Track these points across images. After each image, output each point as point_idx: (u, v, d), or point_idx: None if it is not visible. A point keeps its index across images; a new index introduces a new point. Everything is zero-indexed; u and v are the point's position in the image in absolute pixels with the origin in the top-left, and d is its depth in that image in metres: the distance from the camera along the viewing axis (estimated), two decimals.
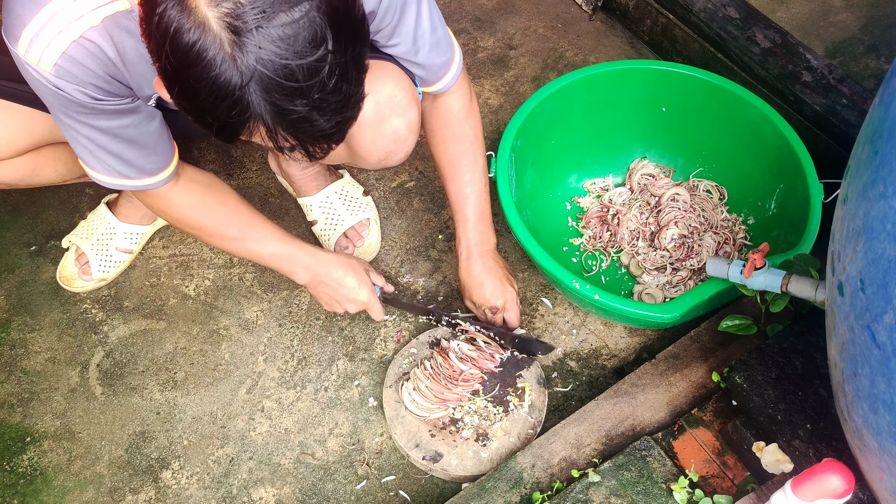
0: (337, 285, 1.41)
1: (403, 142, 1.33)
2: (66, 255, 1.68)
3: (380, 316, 1.48)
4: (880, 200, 0.77)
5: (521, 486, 1.28)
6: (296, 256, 1.38)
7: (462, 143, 1.43)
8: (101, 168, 1.19)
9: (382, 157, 1.35)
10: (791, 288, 1.19)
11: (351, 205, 1.71)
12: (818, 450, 1.14)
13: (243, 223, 1.35)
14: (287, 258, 1.38)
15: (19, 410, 1.52)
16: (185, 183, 1.30)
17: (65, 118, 1.11)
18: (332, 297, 1.43)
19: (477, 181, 1.45)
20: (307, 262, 1.39)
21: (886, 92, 0.80)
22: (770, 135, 1.55)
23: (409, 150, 1.37)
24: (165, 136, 1.23)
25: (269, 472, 1.45)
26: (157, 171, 1.24)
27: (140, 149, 1.19)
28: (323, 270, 1.40)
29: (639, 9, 2.02)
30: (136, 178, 1.22)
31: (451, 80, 1.34)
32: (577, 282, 1.36)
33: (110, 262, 1.66)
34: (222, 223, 1.34)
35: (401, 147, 1.34)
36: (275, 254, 1.37)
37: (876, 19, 2.07)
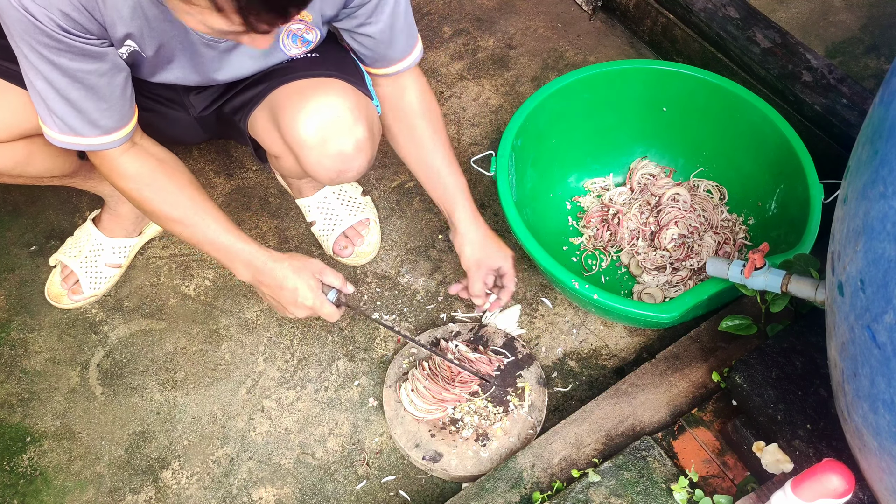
0: (278, 287, 1.30)
1: (352, 160, 1.31)
2: (53, 273, 1.66)
3: (332, 317, 1.34)
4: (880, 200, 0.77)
5: (521, 486, 1.28)
6: (238, 251, 1.29)
7: (429, 140, 1.40)
8: (53, 123, 1.15)
9: (333, 176, 1.34)
10: (791, 288, 1.19)
11: (349, 205, 1.71)
12: (818, 450, 1.14)
13: (190, 206, 1.27)
14: (228, 251, 1.29)
15: (19, 410, 1.52)
16: (139, 152, 1.25)
17: (27, 50, 1.06)
18: (275, 299, 1.33)
19: (455, 171, 1.42)
20: (248, 258, 1.29)
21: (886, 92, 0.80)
22: (770, 135, 1.55)
23: (365, 165, 1.35)
24: (128, 94, 1.19)
25: (269, 472, 1.45)
26: (111, 129, 1.19)
27: (99, 100, 1.15)
28: (265, 269, 1.30)
29: (639, 9, 2.02)
30: (88, 134, 1.17)
31: (413, 61, 1.34)
32: (576, 281, 1.36)
33: (100, 279, 1.64)
34: (168, 202, 1.27)
35: (351, 165, 1.32)
36: (216, 244, 1.29)
37: (876, 19, 2.07)
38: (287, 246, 1.73)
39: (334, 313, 1.33)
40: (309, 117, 1.26)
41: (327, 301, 1.32)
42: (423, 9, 2.15)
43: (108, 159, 1.23)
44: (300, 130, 1.27)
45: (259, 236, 1.74)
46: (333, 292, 1.33)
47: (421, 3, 2.16)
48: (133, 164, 1.24)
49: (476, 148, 1.87)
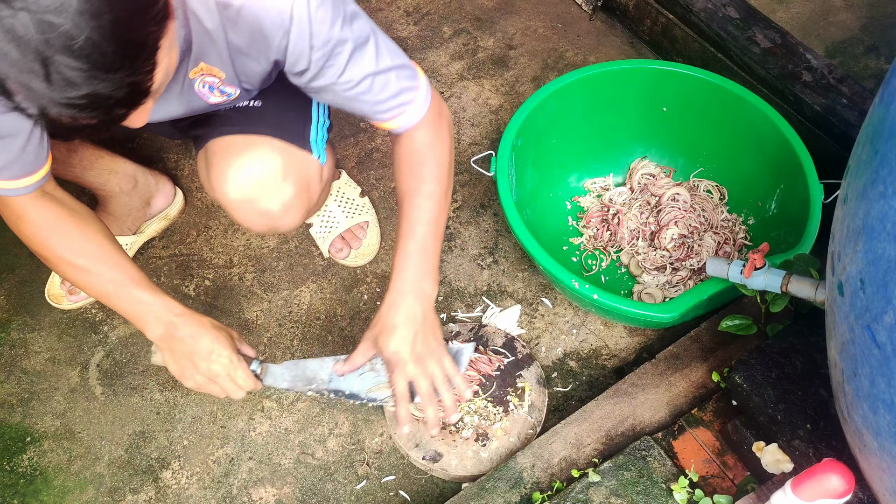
0: (191, 342, 1.21)
1: (280, 218, 1.29)
2: (53, 274, 1.65)
3: (244, 387, 1.26)
4: (880, 200, 0.77)
5: (521, 486, 1.28)
6: (148, 304, 1.20)
7: (418, 177, 1.25)
8: None
9: (263, 230, 1.33)
10: (791, 288, 1.19)
11: (347, 207, 1.71)
12: (818, 450, 1.14)
13: (98, 254, 1.20)
14: (137, 303, 1.20)
15: (19, 410, 1.52)
16: (48, 201, 1.19)
17: None
18: (187, 357, 1.23)
19: (426, 214, 1.24)
20: (160, 311, 1.21)
21: (886, 92, 0.80)
22: (770, 135, 1.55)
23: (298, 221, 1.33)
24: (35, 148, 1.12)
25: (269, 472, 1.45)
26: (19, 175, 1.13)
27: (5, 154, 1.09)
28: (178, 324, 1.21)
29: (639, 9, 2.02)
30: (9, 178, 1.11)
31: (413, 117, 1.20)
32: (576, 281, 1.36)
33: None
34: (72, 249, 1.19)
35: (279, 223, 1.30)
36: (123, 295, 1.20)
37: (876, 19, 2.06)
38: (287, 245, 1.73)
39: (249, 382, 1.26)
40: (235, 177, 1.24)
41: (245, 366, 1.26)
42: (423, 9, 2.15)
43: (11, 204, 1.17)
44: (227, 190, 1.25)
45: (259, 236, 1.74)
46: (256, 363, 1.29)
47: (421, 3, 2.16)
48: (39, 211, 1.18)
49: (476, 148, 1.87)
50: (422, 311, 1.25)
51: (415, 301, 1.24)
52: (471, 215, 1.77)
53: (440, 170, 1.26)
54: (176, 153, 1.86)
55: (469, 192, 1.80)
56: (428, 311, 1.26)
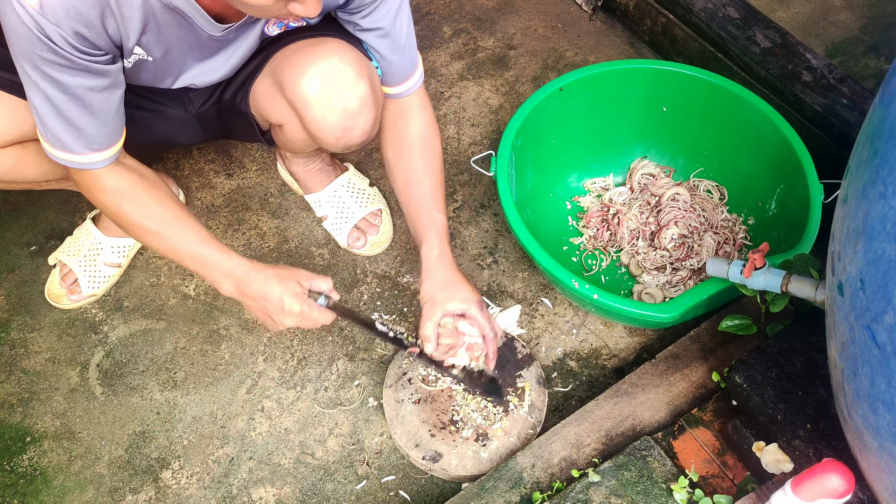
0: (262, 299, 1.26)
1: (357, 117, 1.29)
2: (53, 273, 1.66)
3: (323, 320, 1.29)
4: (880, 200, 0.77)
5: (521, 485, 1.28)
6: (218, 262, 1.25)
7: (420, 173, 1.37)
8: (47, 138, 1.16)
9: (339, 135, 1.31)
10: (791, 288, 1.19)
11: (359, 197, 1.72)
12: (818, 450, 1.14)
13: (169, 218, 1.25)
14: (207, 262, 1.26)
15: (19, 410, 1.52)
16: (121, 168, 1.24)
17: (29, 67, 1.06)
18: (261, 311, 1.28)
19: (435, 208, 1.36)
20: (229, 269, 1.25)
21: (886, 92, 0.80)
22: (770, 135, 1.55)
23: (368, 127, 1.33)
24: (121, 112, 1.20)
25: (269, 472, 1.45)
26: (103, 146, 1.19)
27: (95, 117, 1.15)
28: (247, 280, 1.25)
29: (639, 9, 2.02)
30: (80, 152, 1.18)
31: (415, 84, 1.35)
32: (576, 281, 1.36)
33: (99, 278, 1.64)
34: (146, 214, 1.25)
35: (355, 122, 1.30)
36: (195, 255, 1.26)
37: (876, 19, 2.07)
38: (287, 245, 1.73)
39: (326, 316, 1.29)
40: (311, 73, 1.25)
41: (316, 305, 1.28)
42: (423, 9, 2.15)
43: (92, 177, 1.23)
44: (303, 87, 1.26)
45: (259, 236, 1.74)
46: (322, 298, 1.30)
47: (421, 3, 2.16)
48: (114, 179, 1.24)
49: (476, 148, 1.87)
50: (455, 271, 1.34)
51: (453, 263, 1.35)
52: (471, 215, 1.77)
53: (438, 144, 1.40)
54: (176, 153, 1.86)
55: (469, 192, 1.80)
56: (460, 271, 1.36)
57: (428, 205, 1.36)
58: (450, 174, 1.83)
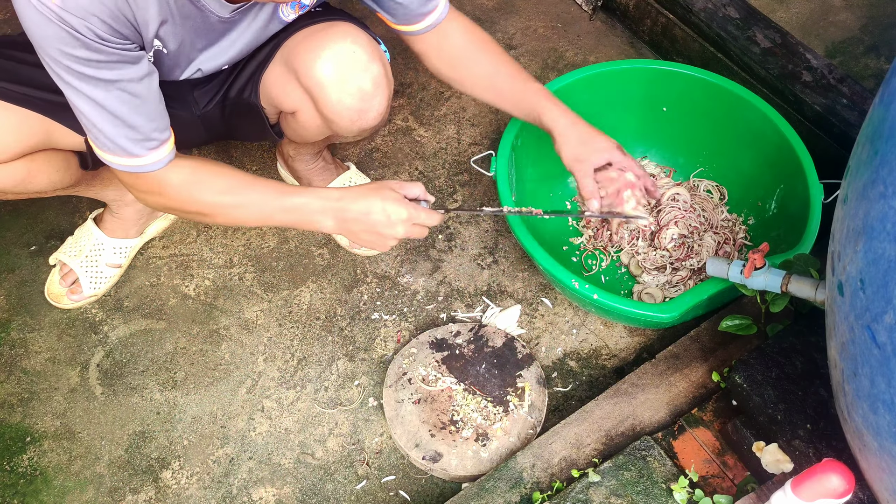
0: (365, 216, 1.21)
1: (371, 98, 1.30)
2: (53, 273, 1.66)
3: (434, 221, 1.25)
4: (880, 200, 0.77)
5: (521, 485, 1.28)
6: (308, 204, 1.22)
7: (489, 70, 1.39)
8: (104, 145, 1.14)
9: (354, 117, 1.32)
10: (791, 288, 1.19)
11: None
12: (818, 450, 1.14)
13: (240, 186, 1.22)
14: (299, 209, 1.22)
15: (19, 410, 1.52)
16: (177, 160, 1.22)
17: (65, 74, 1.05)
18: (368, 231, 1.23)
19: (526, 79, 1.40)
20: (322, 204, 1.22)
21: (886, 92, 0.80)
22: (770, 135, 1.54)
23: (383, 109, 1.34)
24: (162, 100, 1.17)
25: (269, 472, 1.45)
26: (159, 142, 1.16)
27: (146, 109, 1.12)
28: (343, 206, 1.21)
29: (639, 9, 2.02)
30: (142, 154, 1.15)
31: (441, 14, 1.34)
32: (576, 281, 1.36)
33: (101, 278, 1.64)
34: (219, 191, 1.22)
35: (370, 104, 1.31)
36: (285, 207, 1.22)
37: (876, 19, 2.06)
38: (287, 245, 1.73)
39: (434, 217, 1.25)
40: (326, 56, 1.26)
41: (421, 207, 1.24)
42: None
43: (153, 179, 1.19)
44: (318, 70, 1.27)
45: (259, 236, 1.74)
46: (425, 204, 1.27)
47: None
48: (176, 173, 1.20)
49: (476, 148, 1.87)
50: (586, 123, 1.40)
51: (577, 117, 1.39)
52: (471, 215, 1.77)
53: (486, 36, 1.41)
54: None
55: (469, 192, 1.80)
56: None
57: (519, 86, 1.40)
58: (450, 174, 1.83)
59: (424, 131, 1.91)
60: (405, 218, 1.21)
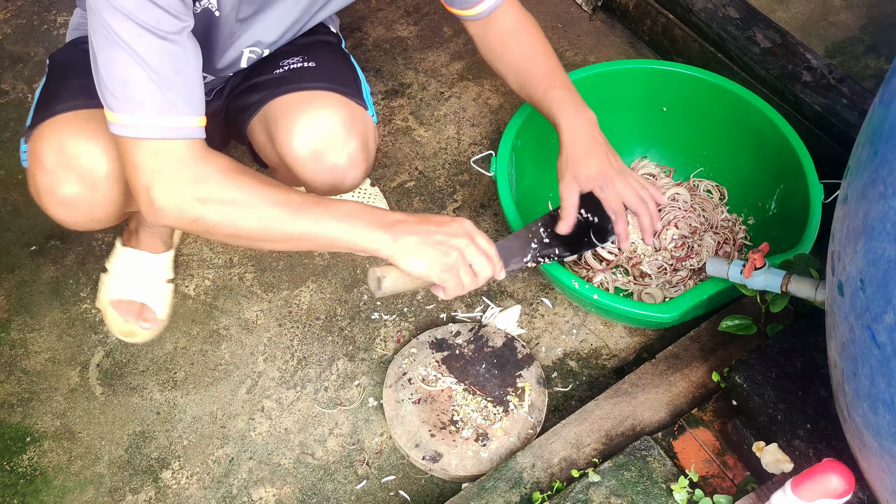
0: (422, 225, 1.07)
1: (346, 173, 1.30)
2: (107, 314, 1.56)
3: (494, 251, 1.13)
4: (880, 200, 0.77)
5: (521, 485, 1.28)
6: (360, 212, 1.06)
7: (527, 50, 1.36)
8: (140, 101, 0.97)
9: (328, 188, 1.33)
10: (791, 288, 1.19)
11: (361, 196, 1.72)
12: (818, 450, 1.14)
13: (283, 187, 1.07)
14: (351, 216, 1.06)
15: (19, 410, 1.52)
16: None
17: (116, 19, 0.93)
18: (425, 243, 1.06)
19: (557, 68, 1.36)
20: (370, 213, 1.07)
21: (886, 92, 0.80)
22: (770, 135, 1.55)
23: (360, 177, 1.33)
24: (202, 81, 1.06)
25: (269, 472, 1.45)
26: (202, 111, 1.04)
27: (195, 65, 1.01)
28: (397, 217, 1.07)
29: (639, 9, 2.02)
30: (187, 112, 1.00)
31: (496, 2, 1.34)
32: (576, 281, 1.36)
33: (165, 298, 1.59)
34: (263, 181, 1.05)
35: (346, 177, 1.30)
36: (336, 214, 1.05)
37: (876, 19, 2.07)
38: None
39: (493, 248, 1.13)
40: (302, 132, 1.25)
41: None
42: (423, 9, 2.15)
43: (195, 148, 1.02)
44: (294, 145, 1.26)
45: None
46: None
47: (421, 3, 2.16)
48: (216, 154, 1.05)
49: (476, 148, 1.87)
50: (599, 135, 1.31)
51: (589, 128, 1.30)
52: (471, 215, 1.77)
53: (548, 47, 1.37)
54: None
55: (469, 192, 1.80)
56: (601, 135, 1.32)
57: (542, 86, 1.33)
58: (450, 174, 1.83)
59: (424, 131, 1.91)
60: (468, 227, 1.09)
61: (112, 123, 1.00)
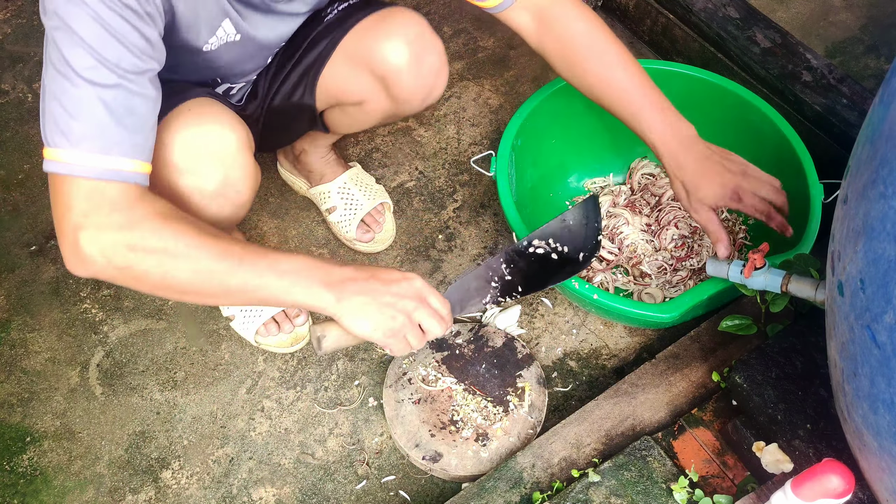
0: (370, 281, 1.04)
1: (440, 75, 1.40)
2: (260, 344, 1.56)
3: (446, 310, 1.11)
4: (880, 200, 0.77)
5: (521, 485, 1.28)
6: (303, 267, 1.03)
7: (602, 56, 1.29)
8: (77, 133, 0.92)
9: (426, 94, 1.40)
10: (791, 288, 1.19)
11: (367, 190, 1.73)
12: (818, 450, 1.14)
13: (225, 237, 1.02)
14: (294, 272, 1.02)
15: (19, 410, 1.52)
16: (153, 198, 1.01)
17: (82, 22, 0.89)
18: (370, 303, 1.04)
19: (639, 78, 1.27)
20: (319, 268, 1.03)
21: (886, 92, 0.80)
22: (770, 135, 1.54)
23: (445, 81, 1.43)
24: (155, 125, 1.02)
25: (269, 472, 1.45)
26: (148, 155, 0.98)
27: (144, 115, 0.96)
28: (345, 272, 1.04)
29: (639, 9, 2.02)
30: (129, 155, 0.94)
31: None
32: (576, 281, 1.36)
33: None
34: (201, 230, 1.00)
35: (438, 80, 1.40)
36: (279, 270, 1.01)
37: (876, 19, 2.07)
38: (287, 246, 1.73)
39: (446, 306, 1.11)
40: (398, 40, 1.32)
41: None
42: (423, 8, 2.15)
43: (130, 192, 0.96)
44: (392, 55, 1.32)
45: (259, 236, 1.74)
46: None
47: (421, 3, 2.16)
48: (154, 198, 1.00)
49: (476, 148, 1.87)
50: (703, 146, 1.26)
51: (691, 146, 1.25)
52: (471, 215, 1.77)
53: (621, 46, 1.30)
54: None
55: (469, 192, 1.80)
56: (705, 144, 1.26)
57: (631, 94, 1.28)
58: (450, 174, 1.83)
59: (424, 131, 1.91)
60: (419, 287, 1.07)
61: (48, 161, 0.94)
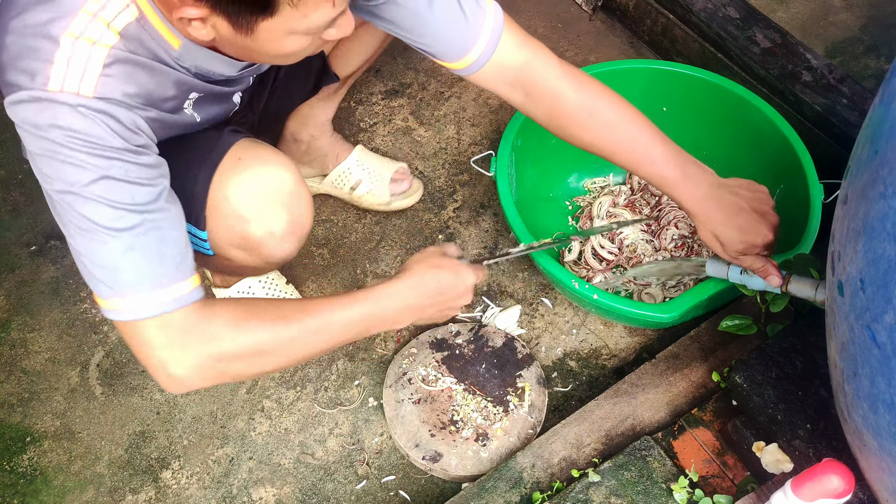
0: (439, 295, 1.16)
1: None
2: None
3: (483, 276, 1.23)
4: (880, 200, 0.77)
5: (521, 485, 1.28)
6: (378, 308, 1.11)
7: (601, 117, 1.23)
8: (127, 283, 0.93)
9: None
10: (791, 288, 1.19)
11: (380, 160, 1.76)
12: (818, 450, 1.14)
13: (296, 307, 1.06)
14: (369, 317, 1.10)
15: (19, 410, 1.52)
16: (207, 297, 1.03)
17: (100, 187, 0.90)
18: (440, 307, 1.18)
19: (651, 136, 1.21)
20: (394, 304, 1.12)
21: (886, 92, 0.80)
22: (770, 135, 1.54)
23: None
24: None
25: (269, 472, 1.45)
26: (193, 267, 0.99)
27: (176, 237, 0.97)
28: (416, 293, 1.14)
29: (639, 9, 2.02)
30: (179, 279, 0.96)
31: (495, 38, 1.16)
32: (576, 281, 1.36)
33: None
34: (276, 316, 1.03)
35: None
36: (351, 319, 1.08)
37: (876, 19, 2.07)
38: None
39: (481, 272, 1.23)
40: None
41: (476, 266, 1.23)
42: None
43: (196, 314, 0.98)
44: None
45: None
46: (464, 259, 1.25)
47: None
48: (218, 303, 1.02)
49: (476, 148, 1.87)
50: (724, 192, 1.20)
51: (714, 196, 1.20)
52: (471, 215, 1.77)
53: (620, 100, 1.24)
54: None
55: (469, 192, 1.80)
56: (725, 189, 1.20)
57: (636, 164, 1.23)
58: (450, 174, 1.83)
59: (424, 131, 1.91)
60: (471, 285, 1.20)
61: (108, 310, 0.96)
